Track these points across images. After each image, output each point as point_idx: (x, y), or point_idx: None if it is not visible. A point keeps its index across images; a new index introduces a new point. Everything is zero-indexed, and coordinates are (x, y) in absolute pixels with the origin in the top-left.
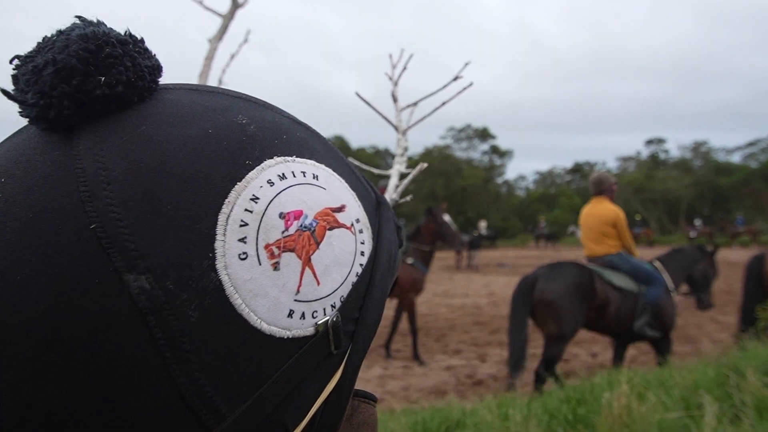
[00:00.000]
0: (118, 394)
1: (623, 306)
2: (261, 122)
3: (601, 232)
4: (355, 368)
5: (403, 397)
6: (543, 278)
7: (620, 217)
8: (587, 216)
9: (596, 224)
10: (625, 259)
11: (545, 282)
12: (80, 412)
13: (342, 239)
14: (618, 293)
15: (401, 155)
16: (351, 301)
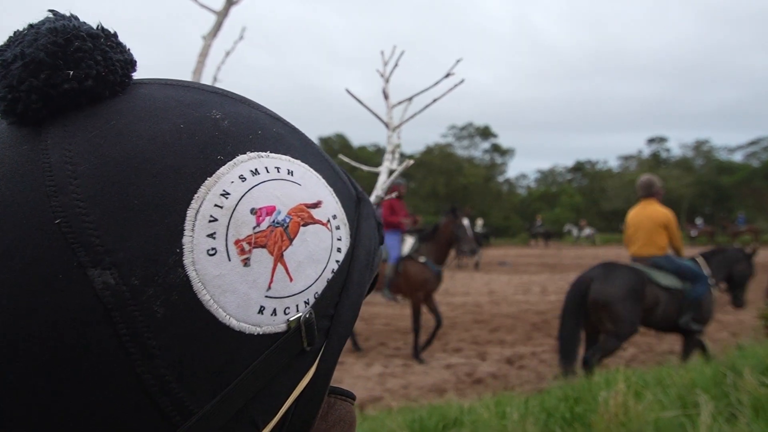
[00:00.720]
0: (82, 388)
1: (670, 304)
2: (235, 117)
3: (652, 232)
4: (330, 365)
5: (403, 395)
6: (597, 280)
7: (671, 218)
8: (637, 217)
9: (648, 225)
10: (670, 260)
11: (600, 284)
12: (43, 407)
13: (317, 235)
14: (666, 293)
15: (391, 152)
16: (326, 298)
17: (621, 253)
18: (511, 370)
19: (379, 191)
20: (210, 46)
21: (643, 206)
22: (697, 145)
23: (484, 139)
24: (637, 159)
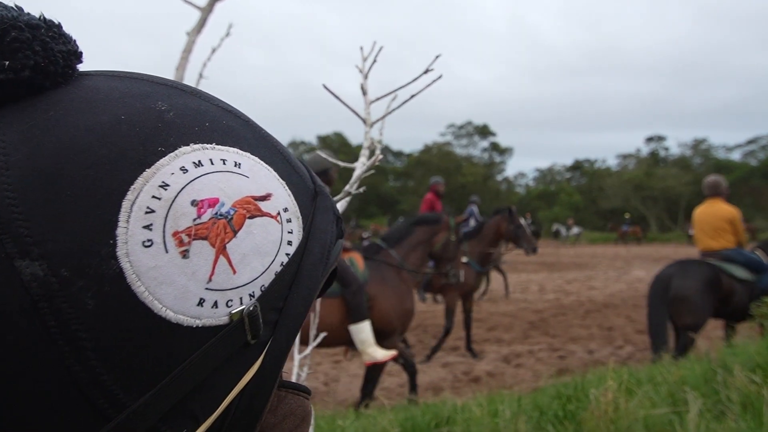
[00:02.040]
0: (10, 381)
1: (743, 295)
2: (182, 109)
3: (718, 228)
4: (278, 358)
5: (400, 393)
6: (677, 277)
7: (736, 215)
8: (704, 215)
9: (714, 222)
10: (741, 253)
11: (681, 280)
12: None
13: (265, 228)
14: (740, 284)
15: (368, 148)
16: (274, 291)
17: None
18: (508, 368)
19: (352, 186)
20: (194, 42)
21: (710, 204)
22: (696, 144)
23: (483, 137)
24: (635, 158)
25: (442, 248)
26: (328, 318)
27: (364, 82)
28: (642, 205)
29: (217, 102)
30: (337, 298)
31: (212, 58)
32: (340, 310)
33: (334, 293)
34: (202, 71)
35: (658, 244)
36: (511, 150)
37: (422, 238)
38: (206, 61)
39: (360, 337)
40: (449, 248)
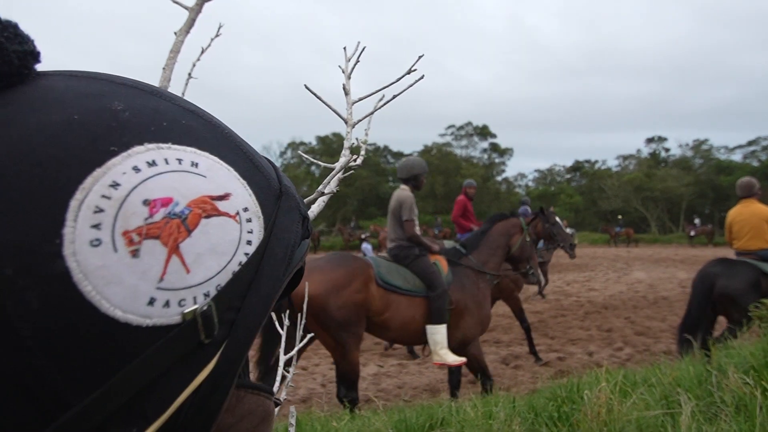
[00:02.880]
0: None
1: None
2: (139, 109)
3: (758, 228)
4: (234, 358)
5: (397, 395)
6: (723, 276)
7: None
8: (740, 215)
9: (753, 221)
10: None
11: (726, 280)
12: None
13: (222, 228)
14: None
15: (348, 148)
16: (231, 290)
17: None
18: (507, 370)
19: (332, 186)
20: (182, 42)
21: (745, 205)
22: (696, 145)
23: (483, 138)
24: (635, 158)
25: (519, 249)
26: (410, 316)
27: (347, 82)
28: (642, 206)
29: (180, 102)
30: (421, 297)
31: (203, 58)
32: (424, 309)
33: (419, 293)
34: (191, 71)
35: (658, 246)
36: (510, 151)
37: (500, 242)
38: (195, 62)
39: (435, 338)
40: (525, 248)
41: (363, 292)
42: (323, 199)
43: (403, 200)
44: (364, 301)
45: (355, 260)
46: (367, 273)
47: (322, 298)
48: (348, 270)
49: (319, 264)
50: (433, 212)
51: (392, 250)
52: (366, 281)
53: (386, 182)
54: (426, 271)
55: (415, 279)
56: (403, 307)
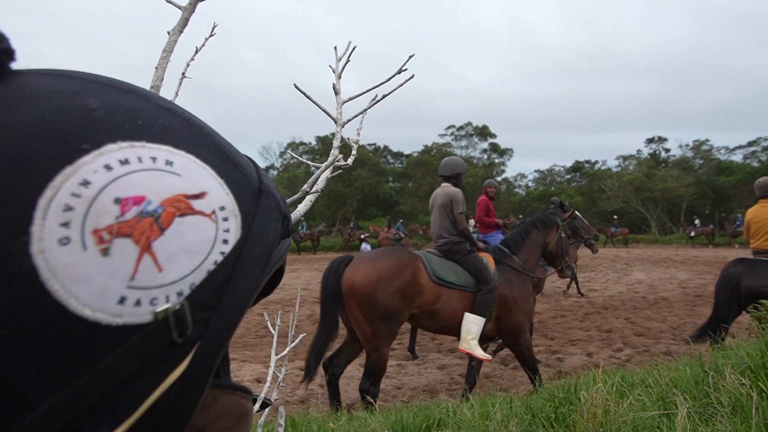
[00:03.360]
0: None
1: None
2: (114, 107)
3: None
4: (208, 357)
5: (396, 396)
6: (747, 276)
7: None
8: (758, 215)
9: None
10: None
11: (752, 279)
12: None
13: (197, 226)
14: None
15: (337, 147)
16: (206, 289)
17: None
18: (506, 371)
19: (319, 185)
20: (175, 42)
21: (763, 204)
22: (697, 146)
23: (483, 139)
24: (636, 159)
25: (555, 246)
26: (460, 308)
27: (337, 82)
28: (643, 207)
29: (157, 101)
30: (471, 292)
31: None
32: (472, 303)
33: (469, 288)
34: (185, 71)
35: (659, 246)
36: (510, 151)
37: (538, 241)
38: (189, 61)
39: (469, 327)
40: (561, 245)
41: (412, 284)
42: (311, 198)
43: (453, 195)
44: (412, 293)
45: (404, 253)
46: (416, 265)
47: (372, 287)
48: (398, 262)
49: (369, 255)
50: None
51: (442, 246)
52: (415, 273)
53: (386, 182)
54: (477, 267)
55: (466, 275)
56: (453, 300)
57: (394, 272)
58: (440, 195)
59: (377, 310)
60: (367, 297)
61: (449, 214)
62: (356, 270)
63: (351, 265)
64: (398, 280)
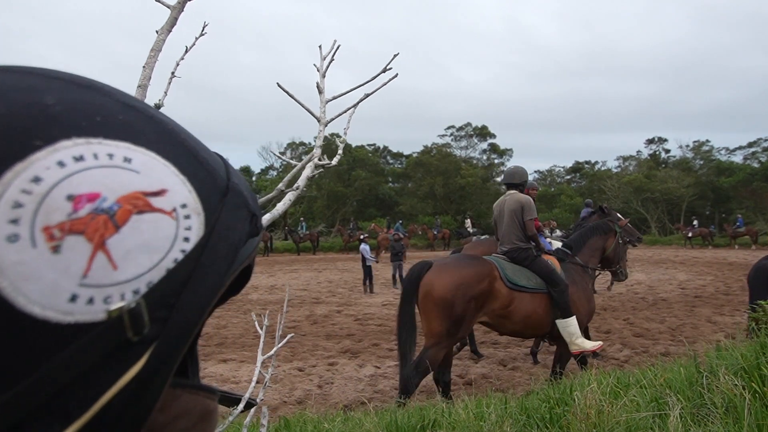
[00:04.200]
0: None
1: None
2: (72, 103)
3: None
4: (167, 356)
5: (394, 396)
6: None
7: None
8: None
9: None
10: None
11: None
12: None
13: (155, 224)
14: None
15: (319, 147)
16: (164, 287)
17: None
18: (504, 371)
19: (300, 184)
20: (164, 41)
21: None
22: (697, 146)
23: (482, 139)
24: (636, 160)
25: (612, 251)
26: (532, 310)
27: (321, 81)
28: (642, 208)
29: (120, 97)
30: (543, 293)
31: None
32: (546, 304)
33: (540, 289)
34: (175, 70)
35: (658, 247)
36: (510, 151)
37: (598, 245)
38: (179, 60)
39: (568, 330)
40: (618, 250)
41: (488, 292)
42: (290, 197)
43: (525, 201)
44: (487, 300)
45: (481, 261)
46: (492, 274)
47: (451, 294)
48: (477, 271)
49: (450, 262)
50: (432, 213)
51: (510, 253)
52: (492, 281)
53: (385, 183)
54: (546, 269)
55: (535, 277)
56: (525, 302)
57: (474, 281)
58: (509, 202)
59: (453, 314)
60: (445, 302)
61: (519, 220)
62: (438, 275)
63: (432, 270)
64: (476, 289)
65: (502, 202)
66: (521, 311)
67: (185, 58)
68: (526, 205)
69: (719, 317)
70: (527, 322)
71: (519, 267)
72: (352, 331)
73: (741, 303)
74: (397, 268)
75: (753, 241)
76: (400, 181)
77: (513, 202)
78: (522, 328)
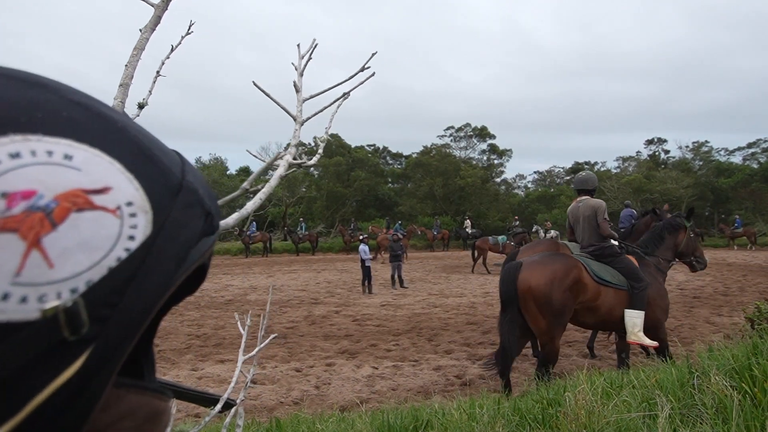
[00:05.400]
0: None
1: None
2: (12, 100)
3: None
4: (107, 356)
5: (391, 397)
6: None
7: None
8: None
9: None
10: None
11: None
12: None
13: (96, 222)
14: None
15: (295, 146)
16: (105, 286)
17: None
18: None
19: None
20: (147, 39)
21: None
22: (696, 147)
23: (482, 140)
24: (635, 160)
25: (685, 246)
26: (616, 304)
27: (298, 79)
28: (642, 208)
29: (69, 95)
30: (624, 291)
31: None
32: (626, 300)
33: (622, 286)
34: (160, 69)
35: None
36: (509, 152)
37: (671, 243)
38: (165, 60)
39: (634, 321)
40: (690, 244)
41: (578, 283)
42: (261, 196)
43: (598, 205)
44: (578, 291)
45: (567, 258)
46: (578, 267)
47: (548, 288)
48: (565, 265)
49: (539, 260)
50: (432, 213)
51: (594, 251)
52: (579, 274)
53: (385, 183)
54: (629, 267)
55: (618, 275)
56: (609, 297)
57: (564, 273)
58: (584, 207)
59: (552, 306)
60: (544, 296)
61: (594, 222)
62: (531, 273)
63: (524, 269)
64: (568, 280)
65: (576, 208)
66: (606, 305)
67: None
68: (599, 209)
69: (717, 318)
70: (609, 317)
71: (602, 264)
72: (350, 331)
73: (739, 303)
74: (396, 269)
75: (751, 242)
76: (399, 181)
77: (587, 208)
78: (604, 322)
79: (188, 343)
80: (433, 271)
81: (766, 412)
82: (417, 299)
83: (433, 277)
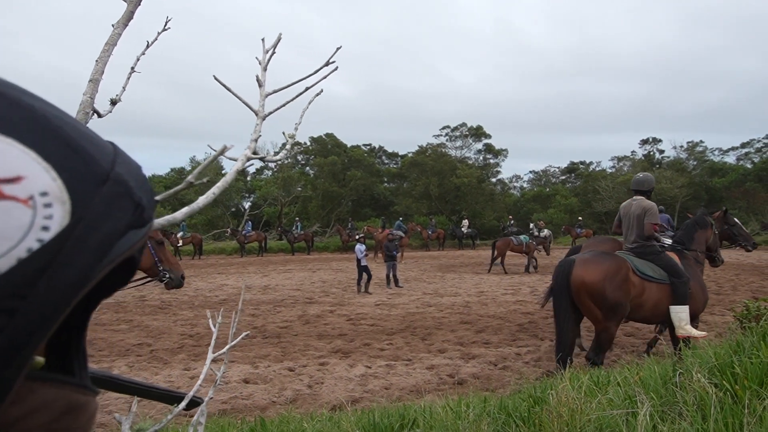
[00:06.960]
0: None
1: None
2: None
3: None
4: (14, 348)
5: (384, 396)
6: None
7: None
8: None
9: None
10: None
11: None
12: None
13: (5, 212)
14: None
15: (254, 140)
16: (14, 277)
17: None
18: (494, 371)
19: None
20: (119, 35)
21: None
22: (691, 147)
23: (477, 139)
24: (630, 160)
25: (712, 242)
26: (660, 299)
27: (262, 74)
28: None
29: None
30: (666, 285)
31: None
32: (669, 294)
33: (664, 281)
34: (135, 65)
35: None
36: (505, 152)
37: (701, 239)
38: (140, 55)
39: (680, 316)
40: (715, 240)
41: (628, 280)
42: (215, 190)
43: (649, 207)
44: (629, 287)
45: (614, 256)
46: (626, 265)
47: (601, 284)
48: (615, 263)
49: (590, 258)
50: (427, 213)
51: (637, 249)
52: (627, 272)
53: (381, 183)
54: (670, 263)
55: (660, 270)
56: (653, 292)
57: (615, 271)
58: (635, 207)
59: (607, 301)
60: (597, 291)
61: (641, 222)
62: (585, 270)
63: (577, 266)
64: (619, 276)
65: (628, 205)
66: (651, 300)
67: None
68: (649, 211)
69: (710, 317)
70: (655, 311)
71: (645, 261)
72: (344, 331)
73: (732, 302)
74: (391, 269)
75: None
76: (395, 181)
77: (639, 207)
78: (650, 316)
79: (181, 343)
80: (429, 270)
81: (745, 409)
82: (411, 298)
83: (428, 276)
